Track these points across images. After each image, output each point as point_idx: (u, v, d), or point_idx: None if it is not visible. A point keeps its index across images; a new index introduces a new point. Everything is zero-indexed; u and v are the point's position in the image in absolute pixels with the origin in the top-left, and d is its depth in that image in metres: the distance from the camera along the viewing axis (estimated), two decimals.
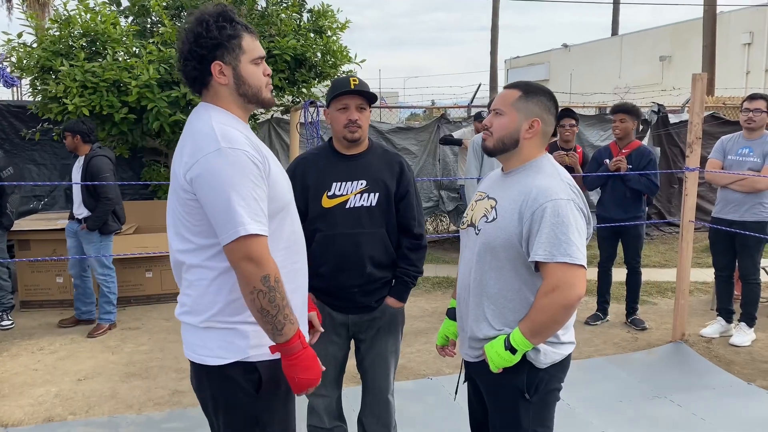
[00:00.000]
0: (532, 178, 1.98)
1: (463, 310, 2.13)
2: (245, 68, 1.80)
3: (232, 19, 1.79)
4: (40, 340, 4.91)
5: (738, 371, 4.17)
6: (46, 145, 6.62)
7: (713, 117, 8.91)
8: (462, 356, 2.20)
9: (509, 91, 2.04)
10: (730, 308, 4.84)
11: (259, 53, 1.82)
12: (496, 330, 2.01)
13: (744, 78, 20.54)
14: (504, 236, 1.95)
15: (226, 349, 1.78)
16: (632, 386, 3.97)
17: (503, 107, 2.03)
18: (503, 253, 1.96)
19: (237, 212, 1.64)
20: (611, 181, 5.01)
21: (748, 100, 4.55)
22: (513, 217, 1.95)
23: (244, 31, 1.79)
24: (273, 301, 1.66)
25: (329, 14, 6.49)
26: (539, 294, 1.92)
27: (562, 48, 30.28)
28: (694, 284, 6.19)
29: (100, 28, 5.60)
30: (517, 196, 1.96)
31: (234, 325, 1.78)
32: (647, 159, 4.92)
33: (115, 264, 5.71)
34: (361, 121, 2.47)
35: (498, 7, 24.91)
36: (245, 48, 1.79)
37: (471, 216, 2.12)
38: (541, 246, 1.88)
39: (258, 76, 1.82)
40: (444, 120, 8.43)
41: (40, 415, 3.63)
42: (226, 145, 1.68)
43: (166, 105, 5.39)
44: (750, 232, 4.43)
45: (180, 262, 1.82)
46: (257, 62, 1.82)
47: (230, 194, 1.65)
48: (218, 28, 1.76)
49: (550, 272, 1.88)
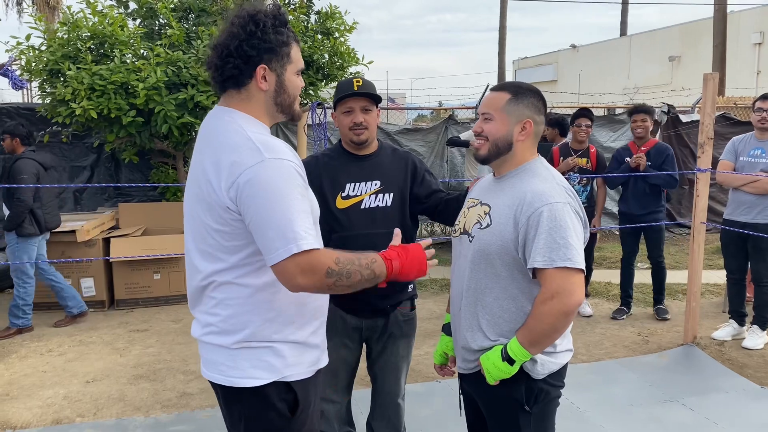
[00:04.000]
0: (527, 182, 1.92)
1: (455, 320, 2.07)
2: (289, 78, 1.73)
3: (287, 24, 1.72)
4: (49, 341, 4.91)
5: (751, 375, 4.12)
6: (54, 147, 6.64)
7: (724, 117, 8.83)
8: (456, 369, 2.14)
9: (497, 95, 1.97)
10: (743, 311, 4.78)
11: (302, 65, 1.78)
12: (491, 341, 1.94)
13: (754, 78, 20.38)
14: (499, 242, 1.89)
15: (262, 369, 1.70)
16: (643, 389, 3.92)
17: (493, 111, 1.96)
18: (499, 260, 1.90)
19: (288, 228, 1.55)
20: (632, 179, 5.24)
21: (761, 99, 4.49)
22: (508, 223, 1.89)
23: (293, 39, 1.73)
24: (350, 275, 1.62)
25: (337, 16, 6.49)
26: (537, 301, 1.84)
27: (570, 48, 30.16)
28: (705, 286, 6.12)
29: (107, 31, 5.61)
30: (512, 201, 1.91)
31: (271, 344, 1.70)
32: (665, 155, 5.20)
33: (123, 266, 5.73)
34: (366, 122, 2.44)
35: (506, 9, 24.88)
36: (293, 57, 1.73)
37: (463, 223, 2.06)
38: (539, 252, 1.81)
39: (298, 88, 1.77)
40: (452, 121, 8.40)
41: (49, 417, 3.63)
42: (270, 156, 1.59)
43: (173, 107, 5.39)
44: (763, 234, 4.37)
45: (208, 281, 1.71)
46: (298, 74, 1.77)
47: (281, 209, 1.56)
48: (275, 32, 1.68)
49: (549, 278, 1.81)
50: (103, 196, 6.95)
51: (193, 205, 1.72)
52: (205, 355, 1.77)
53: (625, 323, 5.21)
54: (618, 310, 5.41)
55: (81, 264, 5.65)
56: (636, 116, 5.31)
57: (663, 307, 5.39)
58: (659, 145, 5.29)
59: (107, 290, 5.80)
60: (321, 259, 1.59)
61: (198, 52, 5.56)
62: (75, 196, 6.89)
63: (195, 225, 1.71)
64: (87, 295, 5.72)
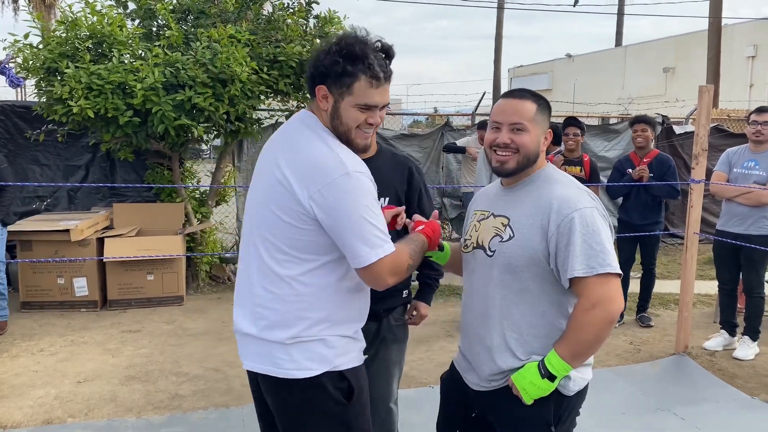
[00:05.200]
0: (548, 190, 1.86)
1: (470, 338, 1.98)
2: (344, 107, 1.80)
3: (358, 59, 1.76)
4: (40, 341, 4.89)
5: (741, 385, 4.15)
6: (49, 146, 6.61)
7: (717, 129, 8.91)
8: (470, 385, 2.01)
9: (525, 103, 1.88)
10: (734, 321, 4.82)
11: (367, 101, 1.79)
12: (522, 360, 1.86)
13: (747, 91, 20.55)
14: (527, 254, 1.82)
15: (315, 361, 1.81)
16: (636, 398, 3.94)
17: (526, 122, 1.86)
18: (527, 272, 1.83)
19: (372, 234, 1.75)
20: (635, 190, 5.27)
21: (756, 112, 4.54)
22: (534, 233, 1.82)
23: (364, 74, 1.76)
24: (417, 261, 1.91)
25: (335, 21, 6.49)
26: (578, 311, 1.77)
27: (565, 58, 30.33)
28: (697, 296, 6.16)
29: (106, 31, 5.60)
30: (534, 210, 1.84)
31: (324, 336, 1.83)
32: (667, 166, 5.24)
33: (116, 266, 5.71)
34: None
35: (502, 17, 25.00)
36: (354, 90, 1.78)
37: (476, 237, 1.97)
38: (576, 260, 1.75)
39: (352, 120, 1.81)
40: (447, 128, 8.44)
41: (40, 417, 3.61)
42: (353, 169, 1.75)
43: (171, 108, 5.38)
44: (755, 245, 4.41)
45: (268, 275, 1.82)
46: (362, 108, 1.80)
47: (364, 217, 1.74)
48: (332, 62, 1.77)
49: (590, 287, 1.75)
50: (97, 196, 6.91)
51: (263, 196, 1.84)
52: (255, 349, 1.87)
53: (618, 332, 5.23)
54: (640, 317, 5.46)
55: (74, 263, 5.63)
56: (637, 126, 5.33)
57: (646, 314, 5.44)
58: (661, 155, 5.31)
59: (100, 290, 5.77)
60: (401, 258, 1.81)
61: (196, 54, 5.55)
62: (69, 196, 6.86)
63: (265, 215, 1.83)
64: (79, 294, 5.70)
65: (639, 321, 5.40)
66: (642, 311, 5.46)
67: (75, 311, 5.67)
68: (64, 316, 5.52)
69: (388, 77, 1.82)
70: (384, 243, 1.76)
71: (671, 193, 5.18)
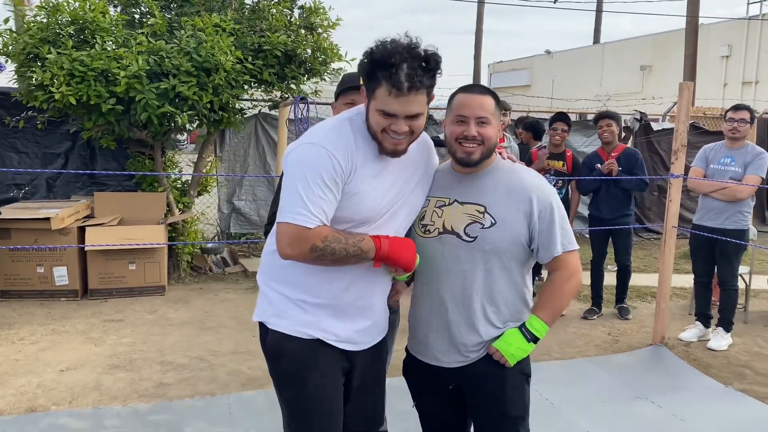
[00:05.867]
0: (517, 178, 2.05)
1: (449, 319, 2.08)
2: (372, 110, 1.85)
3: (383, 65, 1.76)
4: (20, 330, 4.83)
5: (715, 374, 4.27)
6: (28, 133, 6.50)
7: (693, 127, 9.07)
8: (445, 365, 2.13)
9: (486, 99, 2.01)
10: (708, 313, 4.95)
11: (385, 108, 1.80)
12: (499, 328, 2.08)
13: (721, 90, 20.95)
14: (510, 238, 2.01)
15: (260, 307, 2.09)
16: (614, 387, 4.04)
17: (489, 116, 2.00)
18: (508, 253, 2.03)
19: (294, 202, 1.81)
20: (604, 184, 5.35)
21: (733, 110, 4.66)
22: (516, 219, 2.01)
23: (386, 81, 1.77)
24: (334, 252, 1.83)
25: (320, 11, 6.49)
26: (558, 281, 2.08)
27: (544, 54, 30.56)
28: (673, 289, 6.28)
29: (89, 17, 5.52)
30: (510, 198, 2.01)
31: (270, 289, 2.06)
32: (635, 159, 5.35)
33: (98, 255, 5.66)
34: None
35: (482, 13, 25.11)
36: (377, 96, 1.82)
37: (441, 223, 2.06)
38: (557, 242, 2.03)
39: (376, 123, 1.85)
40: (430, 121, 8.46)
41: (23, 405, 3.58)
42: (319, 142, 1.83)
43: (154, 96, 5.34)
44: (730, 239, 4.54)
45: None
46: (384, 115, 1.82)
47: (295, 187, 1.81)
48: (363, 64, 1.83)
49: (567, 261, 2.06)
50: (77, 184, 6.82)
51: None
52: None
53: (596, 323, 5.34)
54: (589, 311, 5.54)
55: (54, 252, 5.57)
56: (602, 122, 5.43)
57: (625, 306, 5.55)
58: (628, 150, 5.44)
59: (81, 279, 5.72)
60: (309, 235, 1.81)
61: (180, 42, 5.51)
62: (48, 184, 6.75)
63: None
64: (60, 283, 5.64)
65: (618, 313, 5.51)
66: (620, 302, 5.57)
67: (55, 300, 5.61)
68: (44, 305, 5.46)
69: (418, 87, 1.78)
70: (297, 214, 1.79)
71: (640, 186, 5.31)
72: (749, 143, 4.67)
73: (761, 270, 6.58)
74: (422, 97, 1.82)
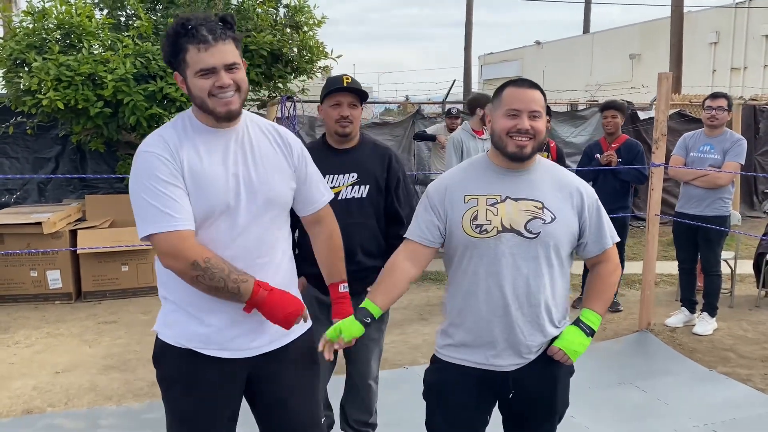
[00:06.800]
0: (561, 174, 2.09)
1: (504, 321, 2.00)
2: (190, 82, 1.80)
3: (183, 31, 1.76)
4: (15, 333, 4.89)
5: (700, 358, 4.36)
6: (18, 139, 6.55)
7: (680, 114, 9.16)
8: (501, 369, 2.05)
9: (538, 93, 1.99)
10: (693, 299, 5.04)
11: (201, 65, 1.76)
12: (558, 327, 2.07)
13: (710, 77, 21.05)
14: (569, 232, 2.03)
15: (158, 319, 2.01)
16: (600, 373, 4.12)
17: (541, 109, 1.98)
18: (565, 248, 2.04)
19: (142, 214, 1.77)
20: (602, 175, 5.33)
21: (711, 98, 4.73)
22: (571, 213, 2.03)
23: (191, 43, 1.75)
24: (213, 278, 1.75)
25: (306, 10, 6.54)
26: (606, 273, 2.12)
27: (534, 45, 30.63)
28: (661, 276, 6.40)
29: (75, 21, 5.56)
30: (561, 192, 2.03)
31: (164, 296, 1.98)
32: (635, 151, 5.29)
33: (90, 258, 5.71)
34: (352, 116, 2.60)
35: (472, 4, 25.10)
36: (189, 62, 1.77)
37: (498, 221, 1.98)
38: (606, 234, 2.09)
39: (200, 89, 1.78)
40: (419, 116, 8.54)
41: (19, 407, 3.64)
42: (143, 149, 1.80)
43: (142, 98, 5.38)
44: (711, 225, 4.61)
45: None
46: (202, 75, 1.77)
47: (141, 197, 1.76)
48: (164, 46, 1.80)
49: (611, 253, 2.12)
50: (68, 188, 6.88)
51: None
52: None
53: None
54: (579, 299, 5.61)
55: (47, 255, 5.62)
56: (607, 112, 5.38)
57: (615, 299, 5.55)
58: (629, 141, 5.38)
59: (74, 282, 5.77)
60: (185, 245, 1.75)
61: None
62: (39, 188, 6.81)
63: None
64: (54, 287, 5.69)
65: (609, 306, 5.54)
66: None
67: (49, 304, 5.66)
68: (39, 309, 5.51)
69: (223, 37, 1.77)
70: (160, 220, 1.73)
71: (638, 178, 5.28)
72: (728, 130, 4.74)
73: (747, 255, 6.66)
74: (232, 47, 1.79)
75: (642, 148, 5.38)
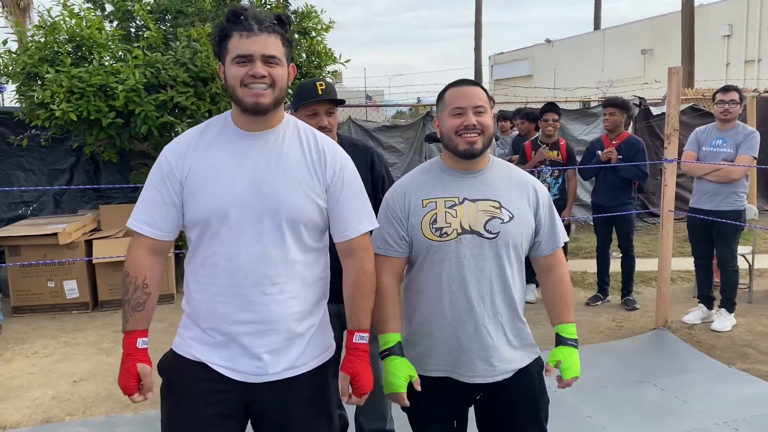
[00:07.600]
0: (516, 173, 2.08)
1: (470, 329, 1.97)
2: (227, 68, 1.76)
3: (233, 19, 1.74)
4: (33, 344, 4.95)
5: (719, 355, 4.30)
6: (33, 151, 6.64)
7: (693, 109, 9.07)
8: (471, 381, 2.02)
9: (480, 90, 2.01)
10: (711, 295, 4.98)
11: (239, 51, 1.72)
12: (522, 321, 2.06)
13: (724, 70, 20.82)
14: (526, 231, 2.02)
15: None
16: (617, 372, 4.08)
17: (485, 104, 1.98)
18: (520, 248, 2.02)
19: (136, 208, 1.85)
20: (603, 171, 5.35)
21: (722, 91, 4.67)
22: (527, 212, 2.02)
23: (236, 30, 1.72)
24: (124, 292, 1.84)
25: (313, 15, 6.55)
26: (564, 274, 2.10)
27: (545, 43, 30.48)
28: (677, 273, 6.33)
29: (85, 33, 5.63)
30: (517, 191, 2.02)
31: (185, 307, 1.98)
32: (636, 149, 5.28)
33: (106, 267, 5.76)
34: (331, 124, 2.53)
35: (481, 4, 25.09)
36: (230, 48, 1.74)
37: (458, 223, 1.96)
38: (559, 232, 2.09)
39: (234, 77, 1.73)
40: (430, 117, 8.53)
41: (38, 416, 3.68)
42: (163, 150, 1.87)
43: (153, 108, 5.43)
44: (726, 220, 4.56)
45: None
46: (239, 61, 1.72)
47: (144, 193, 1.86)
48: (214, 38, 1.80)
49: (561, 254, 2.11)
50: (83, 199, 6.95)
51: None
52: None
53: (600, 310, 5.38)
54: (594, 297, 5.59)
55: (63, 266, 5.68)
56: (605, 110, 5.45)
57: (631, 297, 5.48)
58: (631, 138, 5.41)
59: (90, 292, 5.83)
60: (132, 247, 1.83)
61: (176, 54, 5.60)
62: (55, 199, 6.89)
63: None
64: (70, 297, 5.75)
65: (624, 304, 5.44)
66: (627, 294, 5.51)
67: (66, 313, 5.72)
68: (56, 319, 5.57)
69: (269, 30, 1.72)
70: (135, 216, 1.83)
71: (639, 175, 5.27)
72: (740, 123, 4.68)
73: (765, 249, 6.57)
74: (277, 42, 1.73)
75: (643, 146, 5.35)
